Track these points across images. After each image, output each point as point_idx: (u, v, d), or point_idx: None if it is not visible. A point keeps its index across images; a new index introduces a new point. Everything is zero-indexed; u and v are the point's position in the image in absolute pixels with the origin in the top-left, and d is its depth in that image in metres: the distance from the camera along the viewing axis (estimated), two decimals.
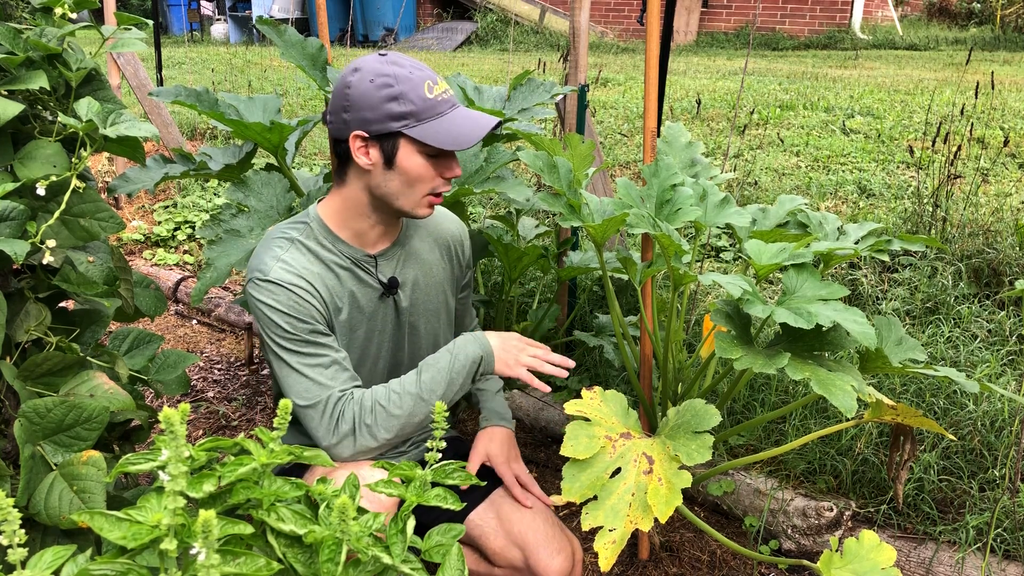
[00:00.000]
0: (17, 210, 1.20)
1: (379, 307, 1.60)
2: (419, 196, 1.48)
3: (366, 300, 1.58)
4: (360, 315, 1.57)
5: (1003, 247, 2.99)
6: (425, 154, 1.44)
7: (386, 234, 1.58)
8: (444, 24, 12.86)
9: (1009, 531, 1.94)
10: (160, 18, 12.57)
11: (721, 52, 10.61)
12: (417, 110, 1.42)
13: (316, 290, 1.50)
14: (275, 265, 1.47)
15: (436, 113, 1.42)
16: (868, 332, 1.42)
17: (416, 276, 1.63)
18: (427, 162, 1.45)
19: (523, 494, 1.58)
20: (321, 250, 1.53)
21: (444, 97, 1.45)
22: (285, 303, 1.46)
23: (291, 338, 1.47)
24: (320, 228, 1.54)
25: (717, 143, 5.19)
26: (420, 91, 1.42)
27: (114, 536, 0.86)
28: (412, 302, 1.63)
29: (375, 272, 1.57)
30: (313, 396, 1.46)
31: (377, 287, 1.58)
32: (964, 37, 11.05)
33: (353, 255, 1.55)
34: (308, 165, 5.13)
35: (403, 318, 1.63)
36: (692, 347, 2.55)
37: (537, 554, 1.50)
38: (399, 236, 1.61)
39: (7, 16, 1.40)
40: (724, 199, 1.81)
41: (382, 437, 1.46)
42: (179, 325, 3.53)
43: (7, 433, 1.31)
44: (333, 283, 1.53)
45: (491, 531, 1.55)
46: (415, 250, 1.64)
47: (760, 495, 2.14)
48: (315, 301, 1.49)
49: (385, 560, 0.97)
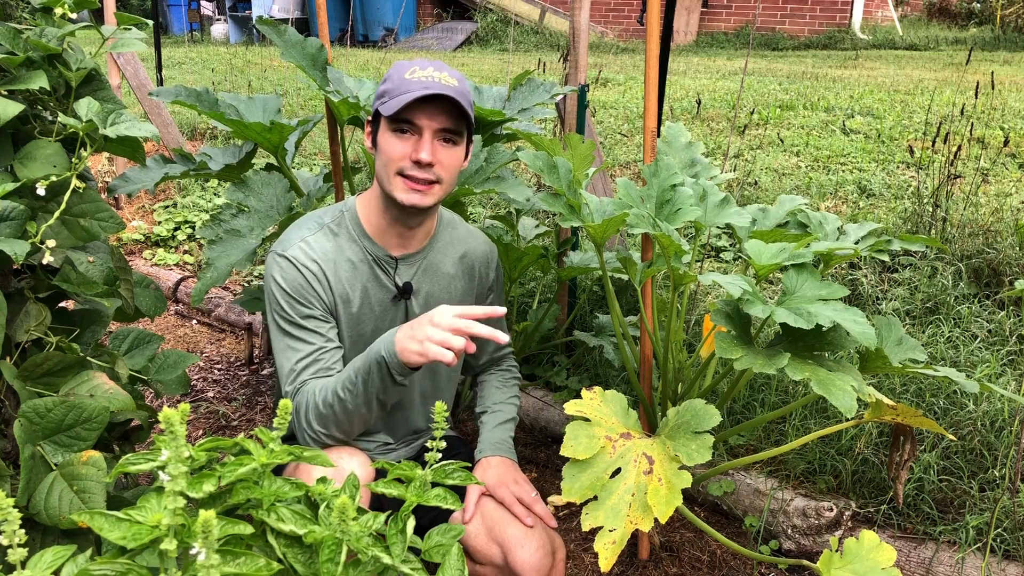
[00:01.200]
0: (17, 210, 1.20)
1: (390, 309, 1.62)
2: (391, 174, 1.49)
3: (379, 299, 1.60)
4: (370, 312, 1.60)
5: (1003, 247, 2.99)
6: (391, 130, 1.48)
7: (405, 238, 1.60)
8: (444, 24, 12.86)
9: (1009, 531, 1.94)
10: (160, 18, 12.58)
11: (721, 52, 10.61)
12: (391, 88, 1.47)
13: (326, 277, 1.55)
14: (297, 244, 1.55)
15: (405, 91, 1.45)
16: (868, 332, 1.42)
17: (432, 289, 1.65)
18: (395, 138, 1.48)
19: (524, 512, 1.53)
20: (347, 240, 1.58)
21: (420, 79, 1.46)
22: (290, 282, 1.53)
23: (285, 318, 1.54)
24: (352, 219, 1.60)
25: (717, 143, 5.19)
26: (401, 74, 1.48)
27: (114, 536, 0.86)
28: (424, 312, 1.63)
29: (393, 274, 1.60)
30: (289, 385, 1.52)
31: (392, 289, 1.60)
32: (964, 37, 11.05)
33: (376, 253, 1.59)
34: (308, 165, 5.13)
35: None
36: (692, 347, 2.55)
37: (514, 550, 1.48)
38: (424, 247, 1.63)
39: (7, 16, 1.40)
40: (724, 199, 1.81)
41: (319, 431, 1.48)
42: (179, 325, 3.53)
43: (7, 433, 1.31)
44: (348, 275, 1.57)
45: (473, 530, 1.53)
46: (436, 263, 1.65)
47: (760, 495, 2.14)
48: (320, 288, 1.54)
49: (385, 560, 0.97)
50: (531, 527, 1.51)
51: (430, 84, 1.44)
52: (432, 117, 1.46)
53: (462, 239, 1.70)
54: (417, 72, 1.47)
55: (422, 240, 1.63)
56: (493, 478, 1.58)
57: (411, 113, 1.45)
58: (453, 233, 1.70)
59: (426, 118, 1.46)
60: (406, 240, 1.60)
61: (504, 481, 1.58)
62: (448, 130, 1.49)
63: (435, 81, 1.45)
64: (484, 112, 2.16)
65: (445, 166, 1.50)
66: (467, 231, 1.73)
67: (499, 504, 1.55)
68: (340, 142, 2.15)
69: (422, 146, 1.47)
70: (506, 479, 1.58)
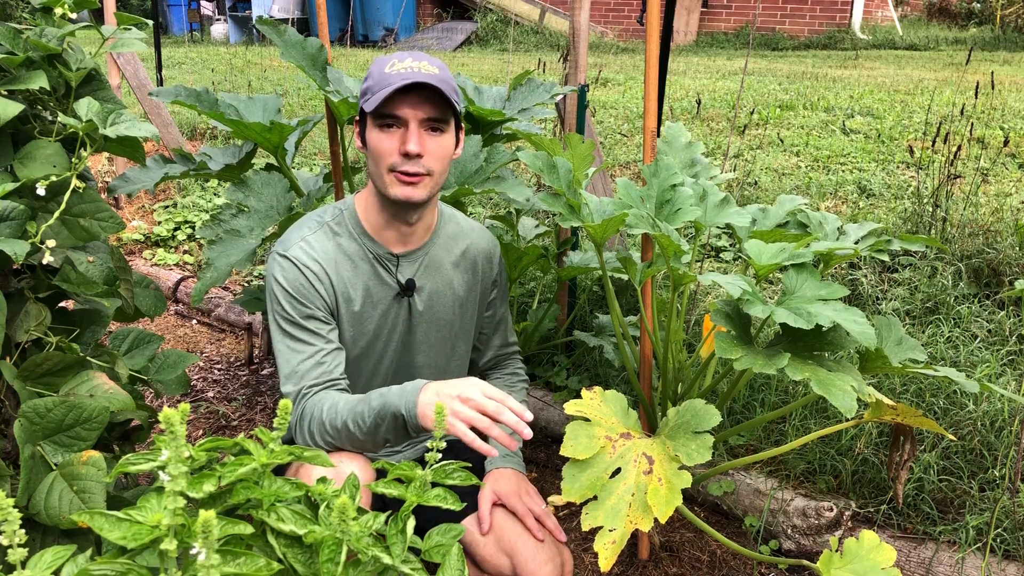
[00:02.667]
0: (17, 210, 1.20)
1: (392, 306, 1.62)
2: (383, 171, 1.49)
3: (380, 296, 1.60)
4: (372, 310, 1.60)
5: (1003, 247, 2.99)
6: (377, 126, 1.48)
7: (405, 235, 1.60)
8: (444, 24, 12.85)
9: (1009, 531, 1.94)
10: (160, 18, 12.57)
11: (721, 52, 10.61)
12: (372, 84, 1.47)
13: (328, 277, 1.55)
14: (297, 243, 1.56)
15: (386, 85, 1.45)
16: (868, 332, 1.41)
17: (435, 286, 1.65)
18: (382, 134, 1.48)
19: (536, 526, 1.51)
20: (347, 239, 1.58)
21: (400, 71, 1.46)
22: (292, 283, 1.53)
23: (286, 318, 1.54)
24: (351, 218, 1.60)
25: (717, 143, 5.19)
26: (381, 69, 1.48)
27: (114, 536, 0.86)
28: (427, 309, 1.64)
29: (395, 271, 1.60)
30: (292, 386, 1.52)
31: (394, 286, 1.60)
32: (964, 37, 11.05)
33: (376, 251, 1.59)
34: (308, 165, 5.13)
35: (415, 322, 1.64)
36: (692, 347, 2.55)
37: (525, 563, 1.46)
38: (425, 243, 1.63)
39: (7, 16, 1.40)
40: (724, 199, 1.81)
41: (321, 445, 1.50)
42: (179, 325, 3.53)
43: (7, 433, 1.31)
44: (349, 274, 1.57)
45: (482, 538, 1.52)
46: (438, 259, 1.65)
47: (760, 495, 2.14)
48: (321, 288, 1.55)
49: (385, 560, 0.97)
50: (542, 540, 1.49)
51: (409, 75, 1.44)
52: (415, 107, 1.46)
53: (463, 234, 1.70)
54: (396, 65, 1.47)
55: (423, 236, 1.63)
56: (505, 488, 1.56)
57: (394, 106, 1.45)
58: (454, 228, 1.69)
59: (409, 109, 1.46)
60: (406, 237, 1.60)
61: (517, 491, 1.56)
62: (433, 119, 1.48)
63: (414, 71, 1.45)
64: (484, 112, 2.16)
65: (435, 156, 1.50)
66: (468, 226, 1.73)
67: (509, 514, 1.54)
68: (340, 142, 2.15)
69: (409, 137, 1.46)
70: (519, 490, 1.57)
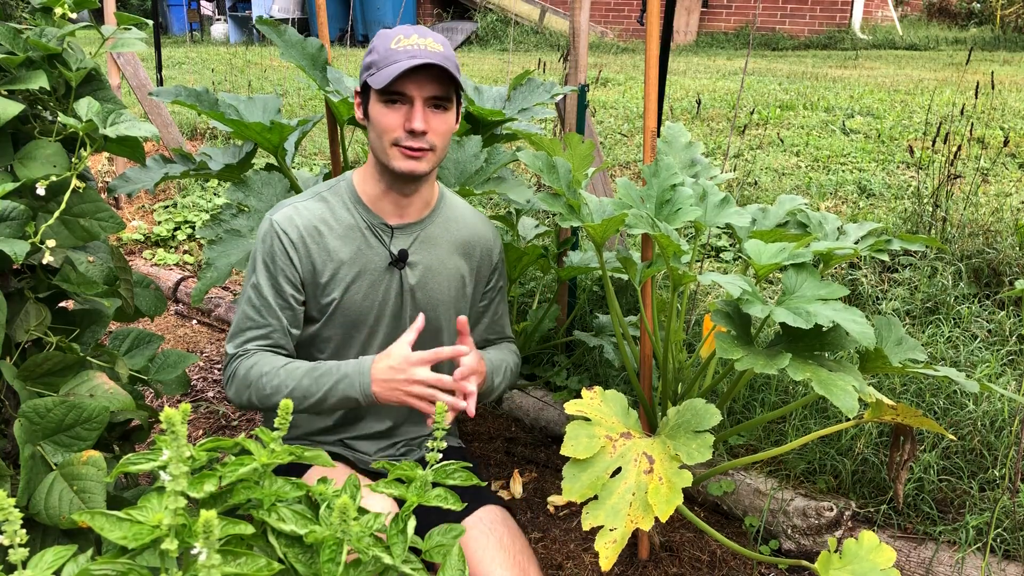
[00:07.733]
0: (17, 210, 1.20)
1: (384, 276, 1.62)
2: (386, 145, 1.51)
3: (373, 265, 1.61)
4: (361, 278, 1.61)
5: (1003, 247, 2.99)
6: (382, 101, 1.49)
7: (402, 207, 1.61)
8: (444, 24, 12.85)
9: (1009, 531, 1.94)
10: (160, 18, 12.58)
11: (721, 52, 10.61)
12: (378, 59, 1.48)
13: (305, 246, 1.57)
14: (287, 210, 1.59)
15: (392, 61, 1.45)
16: (868, 332, 1.42)
17: (430, 262, 1.64)
18: (387, 109, 1.49)
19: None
20: (341, 209, 1.60)
21: (407, 47, 1.46)
22: (267, 247, 1.57)
23: (254, 284, 1.58)
24: (348, 189, 1.62)
25: (717, 143, 5.19)
26: (387, 43, 1.49)
27: (115, 536, 0.86)
28: (420, 284, 1.64)
29: (388, 241, 1.61)
30: (231, 347, 1.58)
31: (386, 256, 1.61)
32: (964, 37, 11.05)
33: (371, 220, 1.60)
34: (308, 165, 5.13)
35: (407, 296, 1.63)
36: (692, 347, 2.55)
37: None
38: (423, 219, 1.64)
39: (7, 16, 1.40)
40: (724, 199, 1.81)
41: (237, 402, 1.57)
42: (179, 325, 3.53)
43: (7, 433, 1.31)
44: (336, 244, 1.58)
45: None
46: (435, 237, 1.65)
47: (760, 495, 2.14)
48: (296, 257, 1.57)
49: (386, 560, 0.97)
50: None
51: (416, 52, 1.45)
52: (421, 86, 1.47)
53: (463, 218, 1.70)
54: (402, 41, 1.47)
55: (420, 211, 1.63)
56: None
57: (400, 84, 1.46)
58: (455, 211, 1.69)
59: (416, 87, 1.47)
60: (402, 209, 1.61)
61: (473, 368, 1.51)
62: (438, 97, 1.49)
63: (421, 49, 1.46)
64: (484, 112, 2.16)
65: (438, 133, 1.51)
66: (470, 212, 1.72)
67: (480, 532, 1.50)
68: (340, 142, 2.15)
69: (414, 115, 1.48)
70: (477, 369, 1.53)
